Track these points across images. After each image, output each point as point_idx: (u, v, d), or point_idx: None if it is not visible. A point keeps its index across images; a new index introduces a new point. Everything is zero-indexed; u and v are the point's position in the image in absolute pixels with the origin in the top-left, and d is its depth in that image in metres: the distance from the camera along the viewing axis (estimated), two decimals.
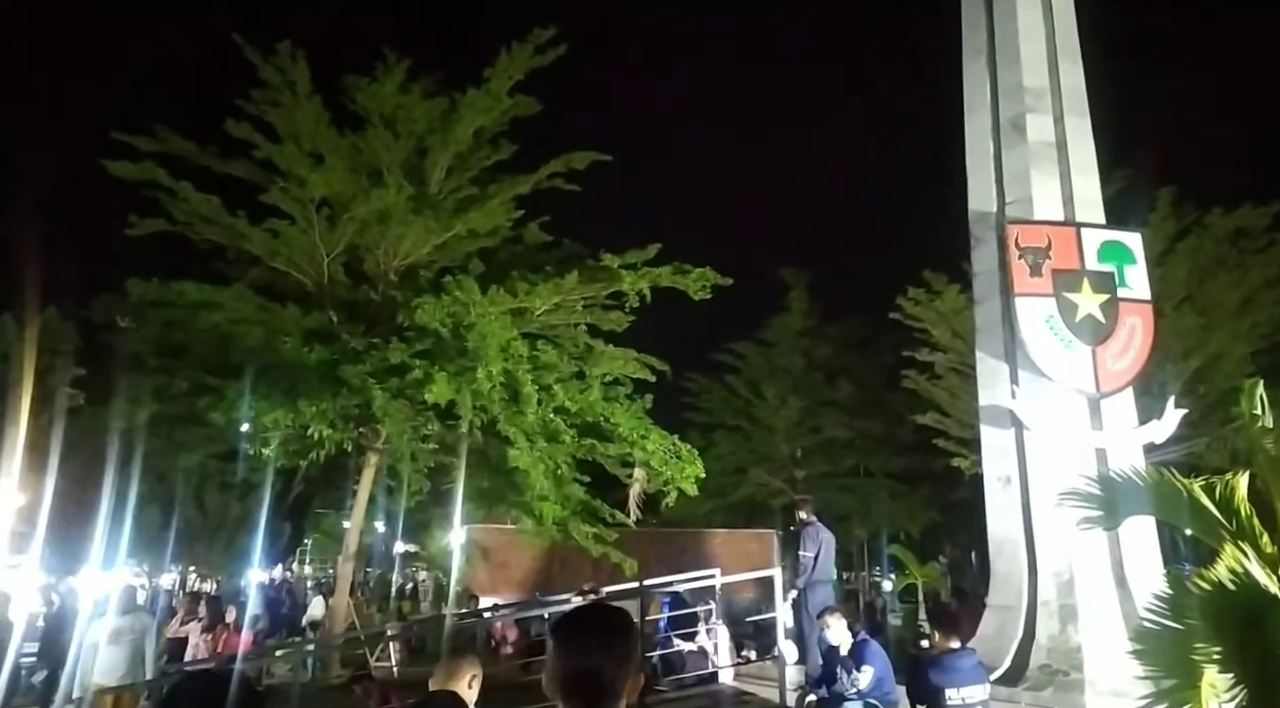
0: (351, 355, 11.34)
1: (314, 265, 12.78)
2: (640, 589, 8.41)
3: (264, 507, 17.45)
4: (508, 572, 17.78)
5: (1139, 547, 7.89)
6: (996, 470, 8.71)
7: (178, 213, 12.22)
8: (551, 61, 13.04)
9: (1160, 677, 3.84)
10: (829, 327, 26.34)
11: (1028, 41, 9.53)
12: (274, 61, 12.31)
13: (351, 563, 14.24)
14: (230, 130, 12.27)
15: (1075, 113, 9.37)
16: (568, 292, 12.44)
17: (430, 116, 13.05)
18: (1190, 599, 3.86)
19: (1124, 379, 8.45)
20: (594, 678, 1.61)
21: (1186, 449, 13.34)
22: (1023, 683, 7.41)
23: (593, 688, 1.60)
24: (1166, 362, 14.31)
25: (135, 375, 12.16)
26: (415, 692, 5.26)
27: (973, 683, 5.54)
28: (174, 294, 11.86)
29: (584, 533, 12.81)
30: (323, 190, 12.17)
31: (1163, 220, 15.93)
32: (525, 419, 11.47)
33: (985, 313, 9.24)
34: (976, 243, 9.45)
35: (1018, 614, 7.95)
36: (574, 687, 1.61)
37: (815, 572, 8.16)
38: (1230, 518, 4.19)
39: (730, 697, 8.25)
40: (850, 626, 6.48)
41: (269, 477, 14.95)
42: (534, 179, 13.51)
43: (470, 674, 3.32)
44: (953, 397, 17.92)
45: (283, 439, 11.91)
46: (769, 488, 25.40)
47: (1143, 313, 8.69)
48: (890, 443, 24.71)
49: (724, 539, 20.11)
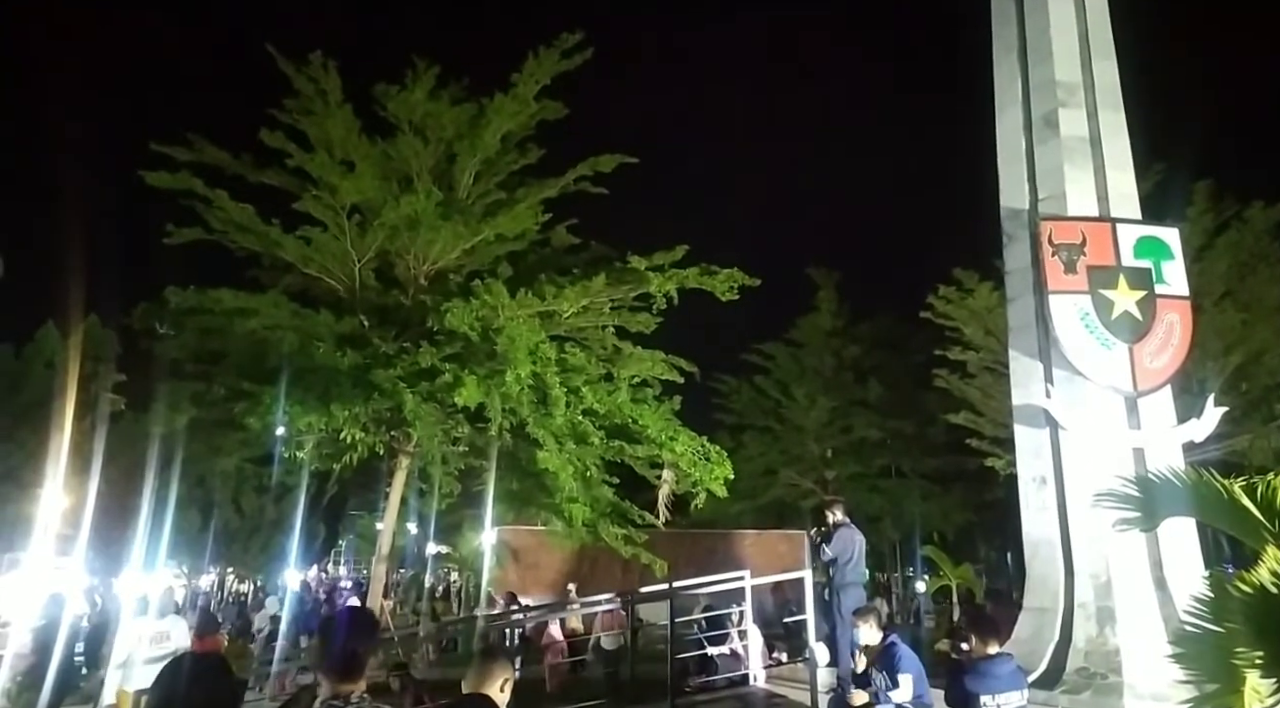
0: (383, 360, 11.47)
1: (346, 271, 12.96)
2: (670, 591, 8.40)
3: (299, 509, 17.74)
4: (538, 573, 17.88)
5: (1179, 548, 7.73)
6: (1031, 471, 8.59)
7: (214, 221, 12.46)
8: (578, 65, 13.10)
9: (1201, 681, 3.76)
10: (859, 326, 26.15)
11: (1060, 36, 9.39)
12: (306, 71, 12.51)
13: (385, 564, 14.41)
14: (264, 139, 12.48)
15: (1109, 107, 9.21)
16: (595, 294, 12.46)
17: (458, 123, 13.17)
18: (1231, 602, 3.77)
19: (1162, 377, 8.29)
20: (352, 656, 2.50)
21: (1228, 448, 13.06)
22: (1060, 687, 7.30)
23: (349, 663, 2.49)
24: (1206, 359, 14.01)
25: (174, 381, 12.41)
26: (448, 693, 5.31)
27: (1010, 689, 5.44)
28: (211, 301, 12.07)
29: (613, 534, 12.83)
30: (354, 197, 12.34)
31: (1201, 214, 15.60)
32: (554, 421, 11.51)
33: (1019, 311, 9.12)
34: (1009, 240, 9.32)
35: (1054, 617, 7.83)
36: (336, 662, 2.48)
37: (848, 574, 8.11)
38: (1273, 519, 4.08)
39: (761, 699, 8.22)
40: (884, 626, 6.41)
41: (304, 480, 15.20)
42: (561, 183, 13.57)
43: (503, 678, 3.33)
44: (986, 396, 17.70)
45: (316, 443, 12.10)
46: (799, 489, 25.27)
47: (1181, 309, 8.51)
48: (922, 443, 24.45)
49: (754, 540, 20.06)
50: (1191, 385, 11.28)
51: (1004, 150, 9.58)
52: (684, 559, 14.87)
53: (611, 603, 10.36)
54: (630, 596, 9.76)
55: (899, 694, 5.85)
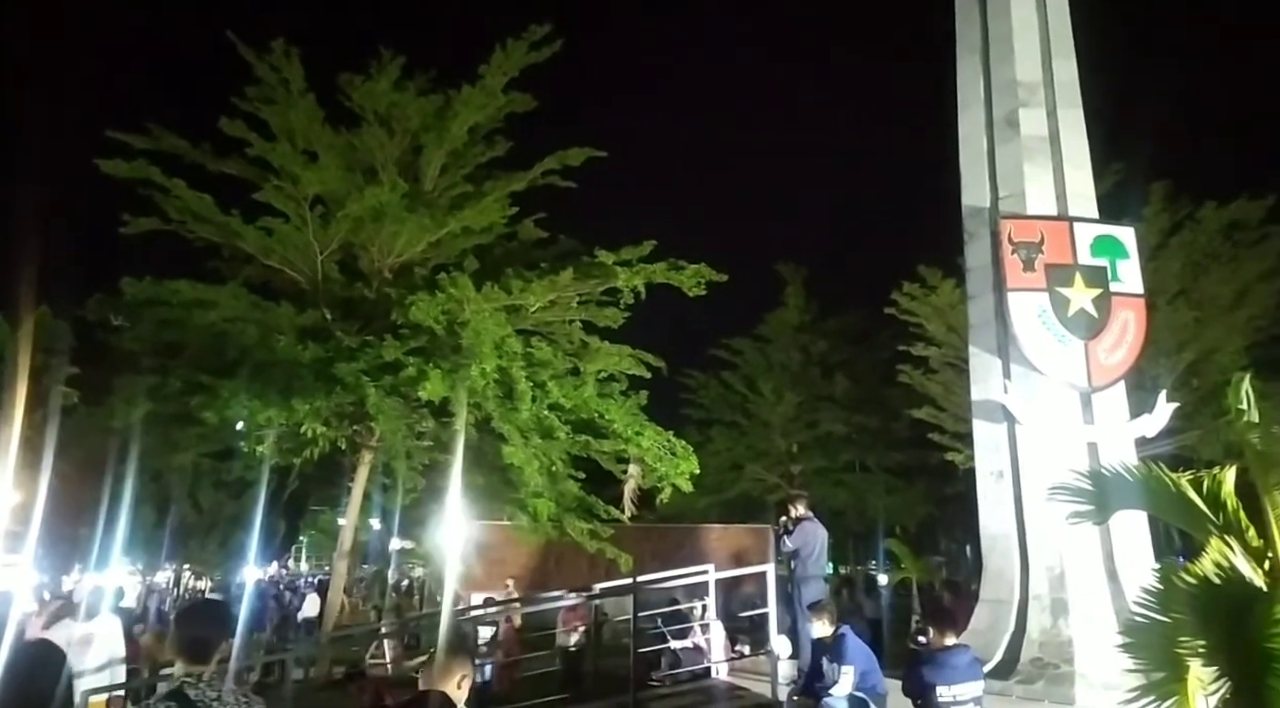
0: (345, 353, 11.33)
1: (308, 263, 12.77)
2: (634, 585, 8.41)
3: (259, 504, 17.45)
4: (504, 568, 17.77)
5: (1130, 541, 7.92)
6: (989, 465, 8.74)
7: (171, 211, 12.20)
8: (547, 58, 13.03)
9: (1149, 670, 3.84)
10: (826, 322, 26.38)
11: (1022, 36, 9.54)
12: (268, 59, 12.30)
13: (346, 560, 14.26)
14: (224, 128, 12.24)
15: (1068, 107, 9.38)
16: (563, 288, 12.43)
17: (425, 114, 13.04)
18: (1177, 593, 3.86)
19: (1116, 373, 8.48)
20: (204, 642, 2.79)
21: (1180, 443, 13.36)
22: (1014, 676, 7.44)
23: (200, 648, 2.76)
24: (1159, 356, 14.36)
25: (129, 374, 12.14)
26: (407, 690, 5.27)
27: (966, 680, 5.52)
28: (168, 293, 11.84)
29: (579, 529, 12.83)
30: (317, 188, 12.17)
31: (1157, 214, 15.94)
32: (520, 416, 11.48)
33: (979, 308, 9.26)
34: (970, 238, 9.46)
35: (1010, 608, 7.99)
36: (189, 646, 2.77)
37: (809, 567, 8.17)
38: (1217, 512, 4.20)
39: (724, 692, 8.27)
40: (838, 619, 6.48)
41: (264, 474, 14.94)
42: (529, 176, 13.51)
43: (460, 675, 3.29)
44: (948, 391, 17.96)
45: (277, 437, 11.92)
46: (765, 484, 25.44)
47: (1135, 307, 8.71)
48: (886, 438, 24.75)
49: (720, 535, 20.12)
50: (1144, 382, 11.56)
51: (966, 149, 9.71)
52: (649, 554, 14.88)
53: (572, 598, 10.27)
54: (592, 591, 9.71)
55: (839, 688, 5.93)
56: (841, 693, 5.96)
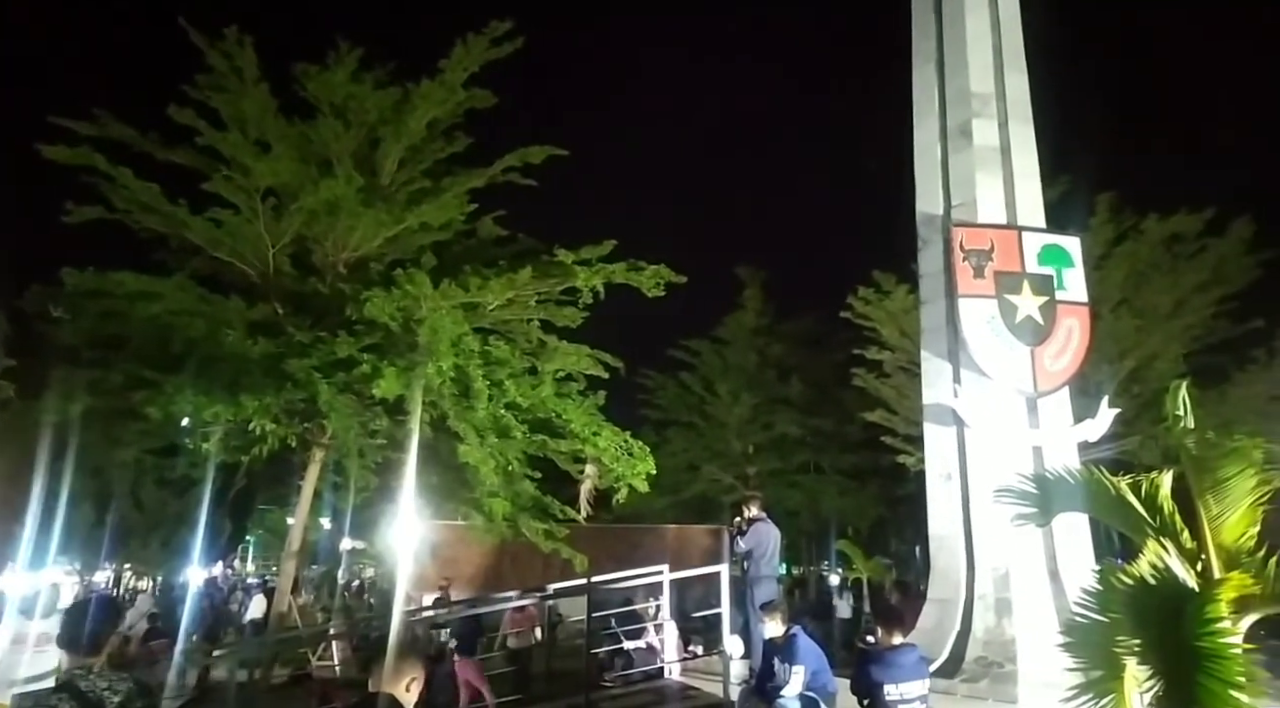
0: (297, 349, 11.09)
1: (259, 256, 12.46)
2: (588, 585, 8.40)
3: (204, 503, 16.99)
4: (457, 568, 17.60)
5: (1072, 542, 8.15)
6: (939, 467, 8.92)
7: (116, 200, 11.81)
8: (509, 55, 12.91)
9: (1087, 668, 3.96)
10: (783, 325, 26.66)
11: (975, 48, 9.76)
12: (220, 46, 11.96)
13: (294, 560, 13.95)
14: (173, 116, 11.87)
15: (1019, 119, 9.62)
16: (521, 287, 12.32)
17: (382, 107, 12.81)
18: (1115, 593, 3.98)
19: (1061, 379, 8.72)
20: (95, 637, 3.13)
21: (1121, 448, 13.78)
22: (959, 675, 7.61)
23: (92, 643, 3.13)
24: (1102, 363, 14.78)
25: (68, 368, 11.72)
26: (355, 691, 5.19)
27: (913, 678, 5.63)
28: (111, 284, 11.45)
29: (534, 529, 12.74)
30: (269, 179, 11.87)
31: (1102, 225, 16.41)
32: (476, 415, 11.35)
33: (931, 313, 9.45)
34: (924, 245, 9.65)
35: (956, 608, 8.16)
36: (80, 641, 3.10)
37: (762, 567, 8.25)
38: (1154, 515, 4.34)
39: (676, 692, 8.30)
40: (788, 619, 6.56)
41: (209, 472, 14.55)
42: (489, 173, 13.36)
43: (409, 677, 3.27)
44: (900, 395, 18.26)
45: (224, 434, 11.62)
46: (721, 484, 25.61)
47: (1080, 315, 8.97)
48: (840, 440, 25.10)
49: (676, 535, 20.20)
50: (1088, 388, 11.88)
51: (921, 157, 9.90)
52: (605, 554, 14.85)
53: (522, 599, 10.15)
54: (546, 591, 9.66)
55: (789, 688, 6.02)
56: (792, 693, 6.04)
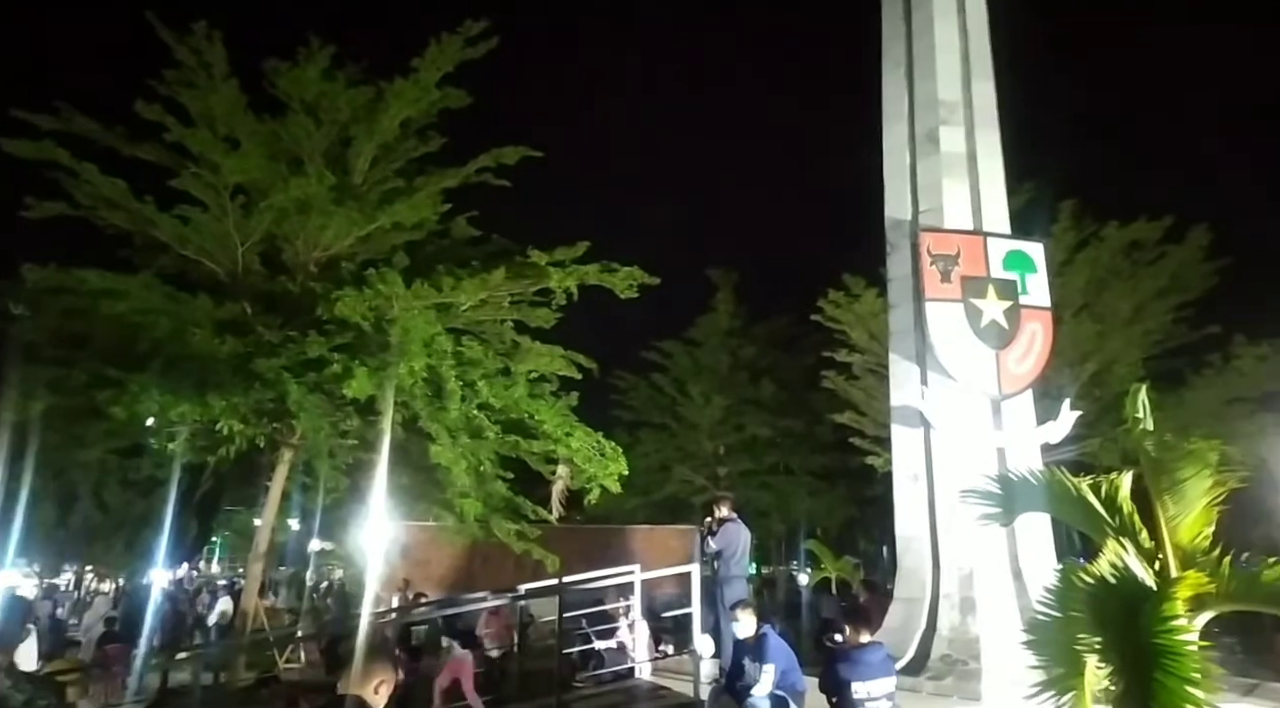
0: (266, 348, 10.97)
1: (227, 254, 12.30)
2: (559, 586, 8.42)
3: (169, 504, 16.69)
4: (428, 569, 17.51)
5: (1034, 542, 8.33)
6: (906, 468, 9.07)
7: (80, 196, 11.59)
8: (484, 55, 12.88)
9: (1049, 665, 4.06)
10: (755, 327, 26.86)
11: (944, 57, 9.93)
12: (189, 42, 11.80)
13: (261, 562, 13.78)
14: (140, 111, 11.68)
15: (986, 126, 9.82)
16: (495, 287, 12.29)
17: (355, 105, 12.72)
18: (1076, 592, 4.10)
19: (1024, 382, 8.92)
20: None
21: (1082, 449, 14.08)
22: (925, 673, 7.75)
23: None
24: (1064, 366, 15.10)
25: (30, 366, 11.47)
26: (323, 694, 5.17)
27: (880, 677, 5.72)
28: (75, 281, 11.24)
29: (506, 530, 12.73)
30: (238, 177, 11.72)
31: (1064, 231, 16.76)
32: (448, 415, 11.32)
33: (899, 317, 9.60)
34: (893, 249, 9.80)
35: (922, 607, 8.30)
36: None
37: (733, 567, 8.32)
38: (1114, 515, 4.47)
39: (646, 692, 8.35)
40: (759, 619, 6.65)
41: (175, 473, 14.33)
42: (463, 173, 13.31)
43: (378, 680, 3.26)
44: (869, 397, 18.49)
45: (190, 434, 11.46)
46: (693, 485, 25.74)
47: (1043, 319, 9.17)
48: (810, 441, 25.34)
49: (646, 535, 20.27)
50: (1050, 391, 12.12)
51: (890, 163, 10.05)
52: (577, 555, 14.85)
53: (497, 600, 10.06)
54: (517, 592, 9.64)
55: (759, 687, 6.10)
56: (763, 692, 6.12)
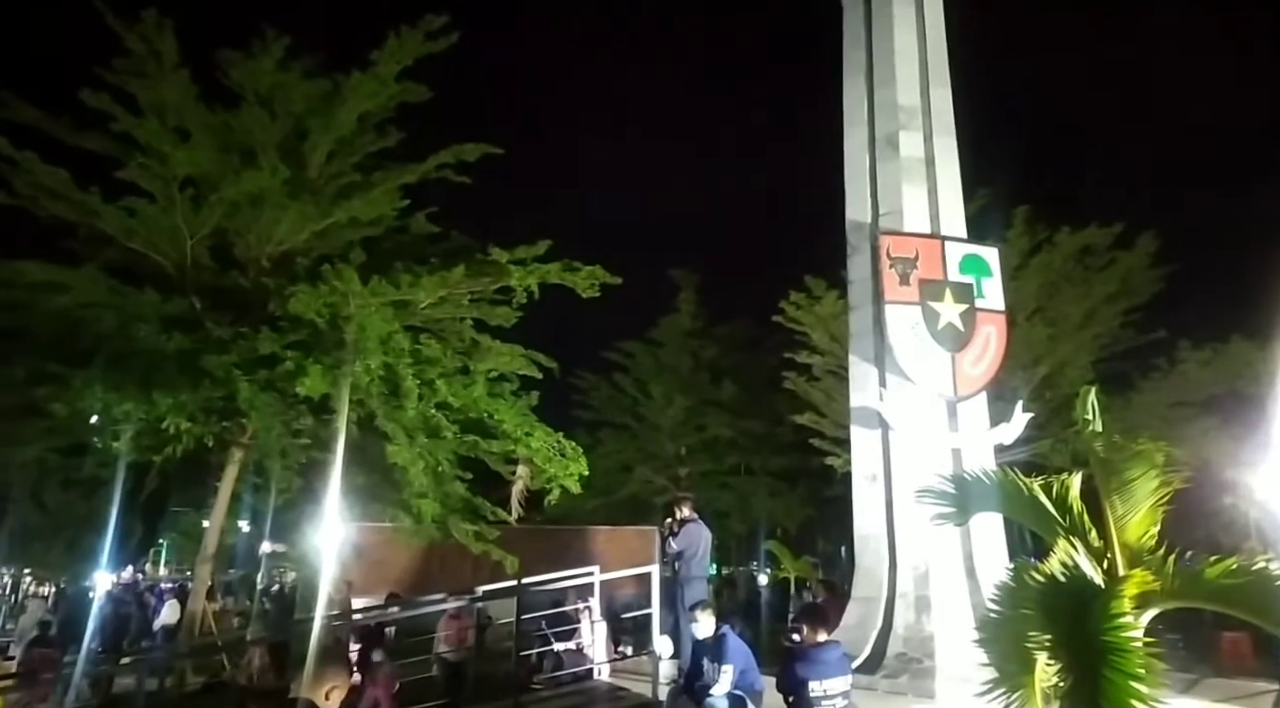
0: (216, 345, 10.70)
1: (176, 248, 11.96)
2: (518, 587, 8.33)
3: (113, 505, 16.19)
4: (384, 571, 17.20)
5: (987, 541, 8.47)
6: (864, 469, 9.16)
7: (20, 185, 11.20)
8: (444, 50, 12.71)
9: (1001, 663, 4.11)
10: (716, 328, 26.94)
11: (903, 62, 10.06)
12: (139, 29, 11.45)
13: (209, 564, 13.45)
14: (86, 100, 11.31)
15: (943, 132, 9.96)
16: (454, 285, 12.14)
17: (310, 98, 12.48)
18: (1027, 590, 4.15)
19: (979, 384, 9.06)
20: None
21: (1034, 450, 14.37)
22: (880, 671, 7.82)
23: None
24: (1017, 369, 15.40)
25: None
26: (275, 700, 5.04)
27: (836, 675, 5.76)
28: (13, 273, 10.88)
29: (464, 531, 12.57)
30: (187, 168, 11.40)
31: (1018, 237, 17.10)
32: (405, 415, 11.16)
33: (859, 319, 9.69)
34: (853, 251, 9.90)
35: (878, 605, 8.39)
36: None
37: (693, 568, 8.32)
38: (1064, 514, 4.54)
39: (604, 693, 8.31)
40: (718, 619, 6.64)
41: (119, 472, 13.91)
42: (422, 169, 13.13)
43: (330, 685, 3.25)
44: (829, 398, 18.65)
45: (136, 433, 11.12)
46: (653, 486, 25.73)
47: (998, 323, 9.33)
48: (771, 442, 25.48)
49: (607, 536, 20.17)
50: (1003, 393, 12.35)
51: (850, 166, 10.15)
52: (536, 556, 14.72)
53: (455, 603, 9.87)
54: (475, 594, 9.53)
55: (718, 687, 6.10)
56: (721, 692, 6.12)
